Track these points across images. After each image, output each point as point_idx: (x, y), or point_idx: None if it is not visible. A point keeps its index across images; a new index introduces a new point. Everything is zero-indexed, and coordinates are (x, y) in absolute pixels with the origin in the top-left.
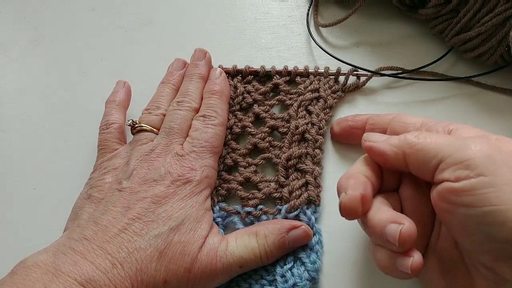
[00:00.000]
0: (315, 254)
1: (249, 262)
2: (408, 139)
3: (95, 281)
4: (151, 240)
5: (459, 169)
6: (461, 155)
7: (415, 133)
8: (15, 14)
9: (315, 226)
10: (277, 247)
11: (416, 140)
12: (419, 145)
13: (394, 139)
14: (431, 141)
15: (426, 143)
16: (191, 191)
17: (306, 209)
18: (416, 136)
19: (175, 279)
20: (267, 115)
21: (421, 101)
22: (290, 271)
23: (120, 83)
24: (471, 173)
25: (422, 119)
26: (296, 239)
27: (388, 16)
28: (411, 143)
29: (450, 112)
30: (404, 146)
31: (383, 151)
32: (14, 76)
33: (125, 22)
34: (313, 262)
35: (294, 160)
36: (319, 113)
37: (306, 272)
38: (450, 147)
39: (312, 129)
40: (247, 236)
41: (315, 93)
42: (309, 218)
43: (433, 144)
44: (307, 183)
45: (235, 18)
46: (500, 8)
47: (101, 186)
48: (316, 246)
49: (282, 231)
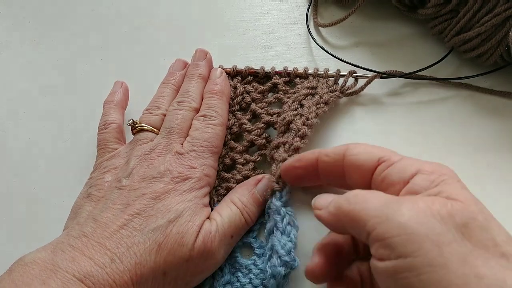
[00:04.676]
0: (286, 236)
1: (238, 229)
2: (340, 205)
3: (94, 276)
4: (149, 233)
5: (380, 248)
6: (383, 230)
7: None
8: (15, 14)
9: (282, 209)
10: (253, 204)
11: (347, 206)
12: (351, 213)
13: (331, 205)
14: (361, 208)
15: (356, 210)
16: (190, 187)
17: (273, 197)
18: (347, 201)
19: (174, 270)
20: (263, 111)
21: (422, 103)
22: (269, 262)
23: (117, 84)
24: (392, 253)
25: (379, 155)
26: (265, 188)
27: (388, 16)
28: (344, 210)
29: (449, 114)
30: (339, 214)
31: (327, 221)
32: (14, 76)
33: (125, 22)
34: (283, 245)
35: (274, 151)
36: (311, 106)
37: (278, 259)
38: (378, 218)
39: (299, 120)
40: (226, 206)
41: (311, 90)
42: (275, 205)
43: (363, 212)
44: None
45: (235, 18)
46: (499, 8)
47: (101, 185)
48: (286, 228)
49: (250, 189)
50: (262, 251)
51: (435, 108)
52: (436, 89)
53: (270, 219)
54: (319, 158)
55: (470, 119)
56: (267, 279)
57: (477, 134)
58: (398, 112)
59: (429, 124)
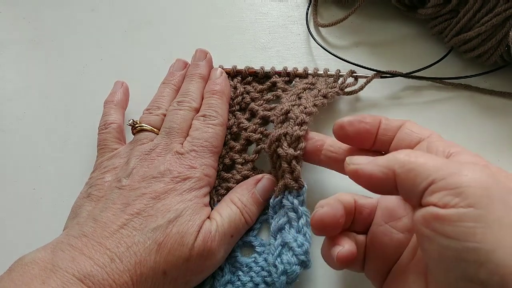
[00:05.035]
0: (302, 236)
1: (238, 229)
2: (398, 158)
3: (93, 276)
4: (149, 233)
5: (449, 195)
6: (455, 180)
7: (405, 151)
8: (15, 14)
9: (299, 208)
10: (253, 204)
11: (407, 158)
12: (411, 164)
13: (382, 159)
14: (423, 162)
15: (418, 163)
16: (190, 186)
17: (288, 194)
18: (407, 155)
19: (175, 269)
20: (260, 108)
21: (422, 103)
22: (280, 258)
23: (118, 84)
24: (462, 202)
25: (430, 132)
26: (264, 188)
27: (387, 17)
28: (402, 162)
29: (449, 114)
30: (393, 166)
31: (371, 173)
32: (14, 76)
33: (125, 22)
34: (300, 245)
35: (275, 145)
36: (309, 97)
37: (294, 257)
38: (444, 171)
39: (297, 108)
40: (226, 206)
41: (310, 85)
42: (291, 202)
43: (426, 165)
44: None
45: (235, 18)
46: (500, 8)
47: (101, 185)
48: (303, 228)
49: (250, 188)
50: (263, 249)
51: (435, 109)
52: (435, 89)
53: (279, 215)
54: (382, 121)
55: (470, 119)
56: (274, 276)
57: (477, 134)
58: (397, 112)
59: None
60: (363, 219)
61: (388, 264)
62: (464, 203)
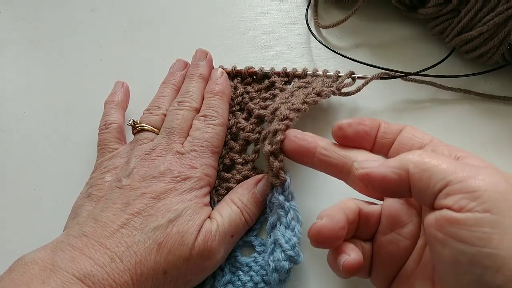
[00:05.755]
0: (290, 231)
1: (238, 229)
2: (411, 158)
3: (94, 275)
4: (149, 232)
5: (465, 199)
6: (471, 183)
7: (417, 152)
8: (15, 14)
9: (285, 204)
10: (253, 204)
11: (420, 159)
12: (426, 164)
13: (393, 160)
14: (439, 163)
15: (433, 164)
16: (190, 186)
17: (275, 191)
18: (420, 155)
19: (175, 269)
20: (256, 107)
21: (422, 103)
22: (272, 256)
23: (118, 84)
24: (478, 206)
25: (431, 138)
26: (264, 188)
27: (388, 17)
28: (417, 162)
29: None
30: (407, 166)
31: (383, 175)
32: (14, 76)
33: (125, 22)
34: (288, 240)
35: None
36: (300, 95)
37: (282, 253)
38: (461, 173)
39: (284, 105)
40: (227, 206)
41: (305, 84)
42: (277, 199)
43: (441, 166)
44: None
45: (235, 18)
46: (501, 7)
47: (101, 185)
48: (291, 223)
49: (250, 188)
50: (263, 248)
51: (435, 110)
52: (436, 91)
53: (272, 213)
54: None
55: (470, 121)
56: (269, 274)
57: (477, 135)
58: (397, 113)
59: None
60: (368, 227)
61: (395, 270)
62: (481, 207)
